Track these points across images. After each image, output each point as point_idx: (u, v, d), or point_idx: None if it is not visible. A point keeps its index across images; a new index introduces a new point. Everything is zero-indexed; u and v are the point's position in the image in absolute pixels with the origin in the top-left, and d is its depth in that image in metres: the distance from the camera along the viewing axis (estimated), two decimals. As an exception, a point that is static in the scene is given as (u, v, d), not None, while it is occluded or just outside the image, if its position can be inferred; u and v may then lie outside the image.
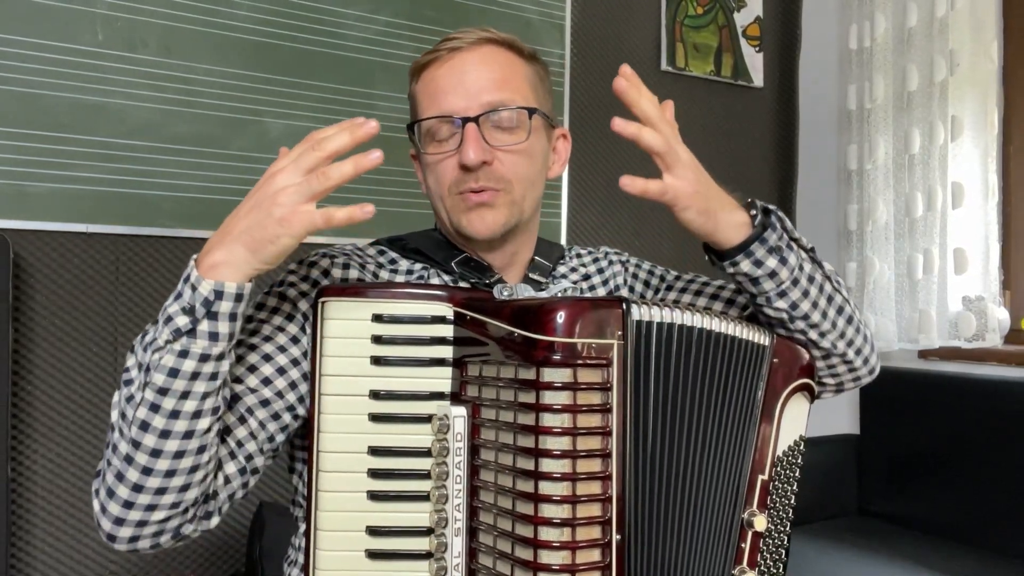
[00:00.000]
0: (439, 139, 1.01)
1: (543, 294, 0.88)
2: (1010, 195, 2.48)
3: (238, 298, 0.80)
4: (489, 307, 0.83)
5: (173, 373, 0.79)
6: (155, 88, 1.94)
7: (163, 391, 0.79)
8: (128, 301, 1.93)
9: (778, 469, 0.93)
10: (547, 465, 0.74)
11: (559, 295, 0.87)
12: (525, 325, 0.77)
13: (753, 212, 0.91)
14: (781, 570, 0.95)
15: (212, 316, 0.79)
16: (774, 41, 2.97)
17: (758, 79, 2.91)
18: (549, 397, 0.74)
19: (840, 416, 2.68)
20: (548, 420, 0.74)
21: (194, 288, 0.79)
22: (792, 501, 0.96)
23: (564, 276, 1.15)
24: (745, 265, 0.89)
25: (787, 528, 0.96)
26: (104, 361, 1.90)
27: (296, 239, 0.78)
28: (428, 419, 0.84)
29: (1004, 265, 2.40)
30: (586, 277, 1.17)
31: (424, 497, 0.84)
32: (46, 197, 1.83)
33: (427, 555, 0.84)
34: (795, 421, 0.95)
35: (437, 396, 0.85)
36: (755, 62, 2.90)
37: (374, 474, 0.84)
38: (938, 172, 2.40)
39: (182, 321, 0.79)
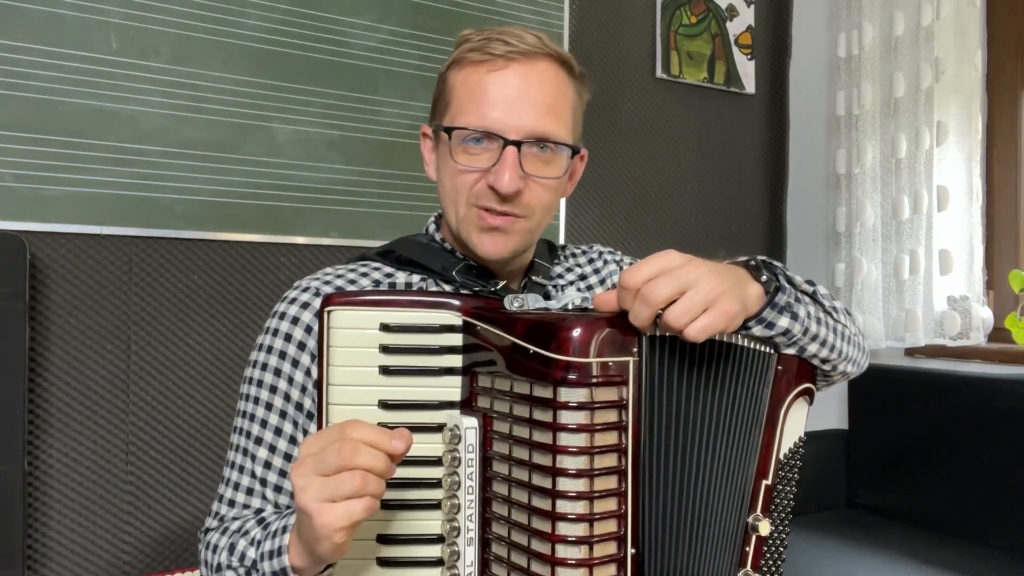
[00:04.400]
0: (471, 150, 0.94)
1: (553, 304, 0.84)
2: (993, 198, 2.47)
3: None
4: (501, 319, 0.79)
5: None
6: (167, 95, 1.92)
7: None
8: (140, 300, 1.92)
9: (780, 472, 0.91)
10: (564, 484, 0.72)
11: (570, 306, 0.83)
12: (541, 342, 0.73)
13: (764, 278, 0.85)
14: (780, 567, 0.93)
15: None
16: (765, 49, 2.96)
17: (750, 86, 2.90)
18: (566, 416, 0.72)
19: (830, 412, 2.68)
20: (565, 439, 0.72)
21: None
22: (792, 501, 0.94)
23: (561, 276, 1.12)
24: (758, 330, 0.84)
25: (786, 528, 0.94)
26: (117, 358, 1.90)
27: (333, 540, 0.72)
28: (438, 428, 0.81)
29: (988, 266, 2.39)
30: (582, 277, 1.14)
31: (435, 506, 0.82)
32: (61, 200, 1.82)
33: (438, 563, 0.81)
34: (796, 424, 0.93)
35: (447, 405, 0.82)
36: (747, 69, 2.89)
37: None
38: (924, 176, 2.39)
39: None
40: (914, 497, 2.33)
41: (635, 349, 0.75)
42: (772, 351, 0.88)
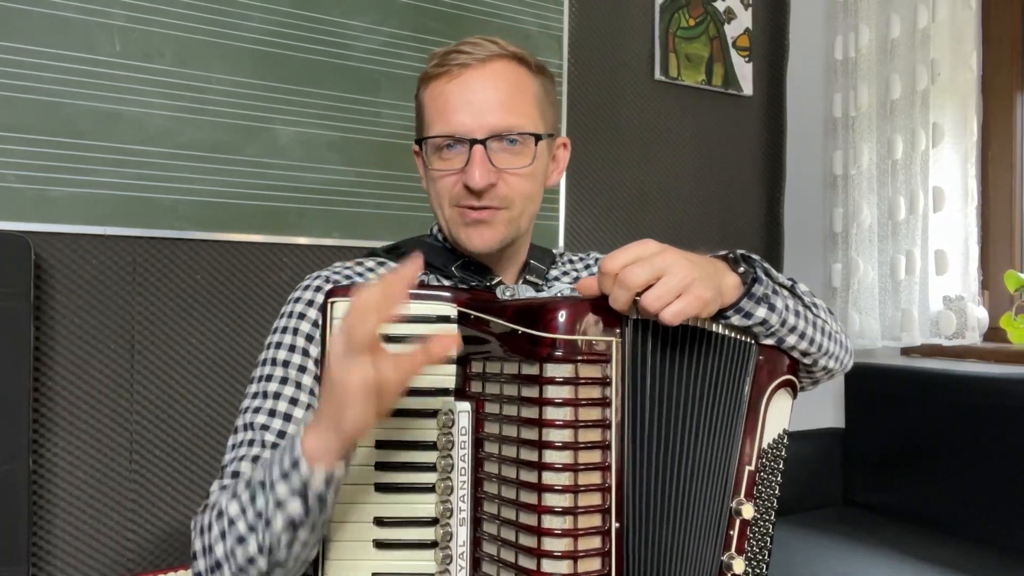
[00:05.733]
0: (445, 156, 1.00)
1: (543, 294, 0.89)
2: (988, 199, 2.48)
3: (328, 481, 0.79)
4: (493, 307, 0.83)
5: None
6: (170, 96, 1.93)
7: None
8: (144, 300, 1.93)
9: (764, 461, 0.94)
10: (550, 456, 0.74)
11: (559, 295, 0.86)
12: (529, 323, 0.77)
13: (742, 269, 0.88)
14: (767, 556, 0.96)
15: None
16: (763, 51, 2.97)
17: (748, 88, 2.90)
18: (552, 391, 0.75)
19: (826, 410, 2.69)
20: (551, 413, 0.75)
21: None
22: (777, 491, 0.97)
23: (557, 279, 1.15)
24: (736, 319, 0.87)
25: (772, 517, 0.96)
26: (121, 357, 1.90)
27: (359, 406, 0.73)
28: (433, 414, 0.84)
29: (983, 266, 2.39)
30: (577, 280, 1.16)
31: (429, 489, 0.84)
32: (66, 201, 1.83)
33: (432, 544, 0.84)
34: (779, 415, 0.96)
35: (442, 392, 0.85)
36: (745, 72, 2.90)
37: (380, 467, 0.84)
38: (920, 177, 2.39)
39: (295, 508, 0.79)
40: (910, 495, 2.33)
41: (619, 330, 0.78)
42: (752, 341, 0.92)
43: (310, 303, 1.00)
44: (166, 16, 1.93)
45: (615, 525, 0.77)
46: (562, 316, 0.75)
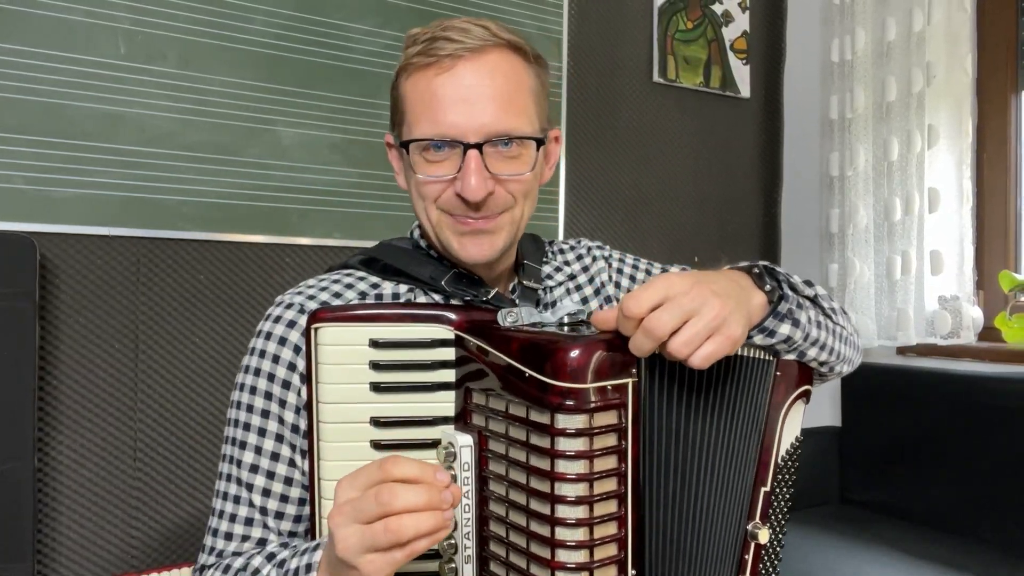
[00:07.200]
0: (431, 157, 0.86)
1: (548, 317, 0.79)
2: (983, 200, 2.46)
3: None
4: (495, 335, 0.74)
5: None
6: (173, 98, 1.91)
7: None
8: (148, 300, 1.92)
9: (778, 476, 0.88)
10: (563, 511, 0.67)
11: (566, 319, 0.78)
12: (537, 365, 0.68)
13: (768, 287, 0.80)
14: (777, 568, 0.91)
15: None
16: (760, 54, 2.96)
17: (745, 90, 2.89)
18: (564, 443, 0.67)
19: (823, 409, 2.68)
20: (563, 466, 0.67)
21: None
22: (788, 502, 0.91)
23: (550, 276, 1.05)
24: (759, 339, 0.80)
25: (783, 530, 0.91)
26: (125, 357, 1.90)
27: None
28: (432, 444, 0.77)
29: (978, 266, 2.36)
30: (571, 277, 1.08)
31: None
32: (70, 201, 1.82)
33: None
34: (793, 425, 0.91)
35: (441, 420, 0.78)
36: (742, 74, 2.89)
37: None
38: (915, 178, 2.37)
39: None
40: (906, 493, 2.33)
41: (633, 370, 0.70)
42: (771, 357, 0.85)
43: (282, 341, 0.88)
44: (170, 19, 1.91)
45: (632, 573, 0.70)
46: (574, 361, 0.66)
